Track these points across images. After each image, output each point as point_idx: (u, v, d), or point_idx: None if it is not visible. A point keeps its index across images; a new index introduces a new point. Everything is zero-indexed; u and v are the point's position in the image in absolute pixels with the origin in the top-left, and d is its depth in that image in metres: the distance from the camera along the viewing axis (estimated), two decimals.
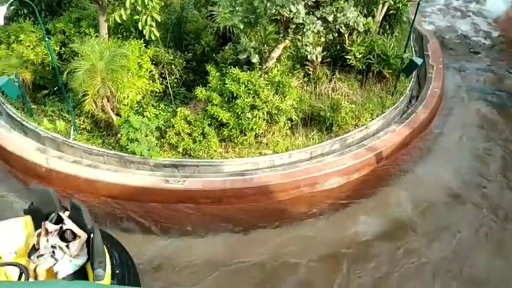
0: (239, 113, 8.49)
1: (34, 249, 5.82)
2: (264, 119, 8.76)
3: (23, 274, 5.39)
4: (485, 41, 15.43)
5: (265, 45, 9.33)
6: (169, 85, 9.77)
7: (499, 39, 15.73)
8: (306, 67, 10.43)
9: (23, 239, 6.07)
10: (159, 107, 9.40)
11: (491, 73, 13.26)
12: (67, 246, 5.72)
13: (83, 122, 9.41)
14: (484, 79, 12.99)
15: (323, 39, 9.07)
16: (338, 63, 10.73)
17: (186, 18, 10.71)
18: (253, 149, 9.07)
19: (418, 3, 9.92)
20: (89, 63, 8.12)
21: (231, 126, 8.60)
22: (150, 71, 9.48)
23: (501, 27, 16.52)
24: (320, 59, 10.16)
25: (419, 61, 9.91)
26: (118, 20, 8.39)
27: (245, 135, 8.76)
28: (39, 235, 5.75)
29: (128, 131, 8.46)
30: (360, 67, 10.46)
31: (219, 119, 8.61)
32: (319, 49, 8.98)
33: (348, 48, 10.37)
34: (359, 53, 10.30)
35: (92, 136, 9.34)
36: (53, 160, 8.95)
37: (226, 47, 9.40)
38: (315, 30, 8.07)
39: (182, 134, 8.89)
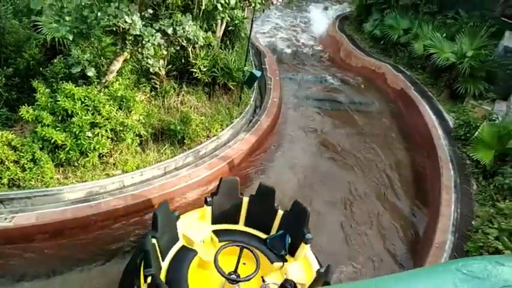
0: (77, 132, 7.62)
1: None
2: (108, 137, 8.08)
3: None
4: (312, 56, 17.86)
5: (102, 58, 8.68)
6: None
7: (322, 54, 18.42)
8: (152, 81, 10.17)
9: (206, 229, 6.58)
10: None
11: (318, 83, 15.38)
12: None
13: None
14: (312, 88, 14.95)
15: (165, 52, 8.97)
16: (185, 77, 10.80)
17: (4, 29, 9.23)
18: (98, 171, 8.25)
19: (252, 21, 10.77)
20: None
21: (68, 148, 7.64)
22: None
23: (323, 44, 19.40)
24: (164, 72, 10.03)
25: (258, 73, 10.72)
26: None
27: (87, 156, 7.91)
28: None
29: None
30: (206, 80, 10.75)
31: (53, 141, 7.56)
32: (162, 62, 8.83)
33: (193, 61, 10.54)
34: (204, 66, 10.58)
35: None
36: None
37: (56, 60, 8.39)
38: (156, 43, 7.89)
39: (6, 163, 7.47)
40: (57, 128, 7.69)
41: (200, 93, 10.81)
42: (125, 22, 7.16)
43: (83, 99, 7.81)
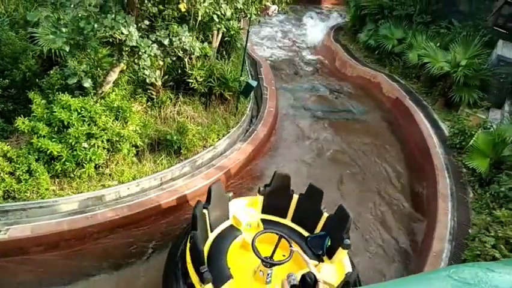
0: (73, 143, 7.61)
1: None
2: (104, 148, 8.07)
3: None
4: (308, 66, 17.99)
5: (98, 69, 8.72)
6: None
7: (317, 64, 18.56)
8: (148, 91, 10.20)
9: (256, 216, 7.12)
10: None
11: (314, 92, 15.47)
12: None
13: None
14: (308, 97, 15.03)
15: (161, 62, 9.01)
16: (181, 87, 10.85)
17: (0, 40, 9.28)
18: (94, 182, 8.22)
19: (248, 32, 10.87)
20: None
21: (63, 159, 7.62)
22: None
23: (318, 54, 19.56)
24: (160, 83, 10.07)
25: (254, 83, 10.77)
26: None
27: (83, 167, 7.88)
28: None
29: None
30: (203, 90, 10.80)
31: (48, 152, 7.54)
32: (158, 72, 8.87)
33: (189, 72, 10.60)
34: (200, 76, 10.64)
35: None
36: None
37: (52, 71, 8.42)
38: (152, 54, 7.95)
39: (1, 174, 7.44)
40: (53, 139, 7.68)
41: (196, 103, 10.85)
42: (122, 33, 7.21)
43: (79, 110, 7.82)
